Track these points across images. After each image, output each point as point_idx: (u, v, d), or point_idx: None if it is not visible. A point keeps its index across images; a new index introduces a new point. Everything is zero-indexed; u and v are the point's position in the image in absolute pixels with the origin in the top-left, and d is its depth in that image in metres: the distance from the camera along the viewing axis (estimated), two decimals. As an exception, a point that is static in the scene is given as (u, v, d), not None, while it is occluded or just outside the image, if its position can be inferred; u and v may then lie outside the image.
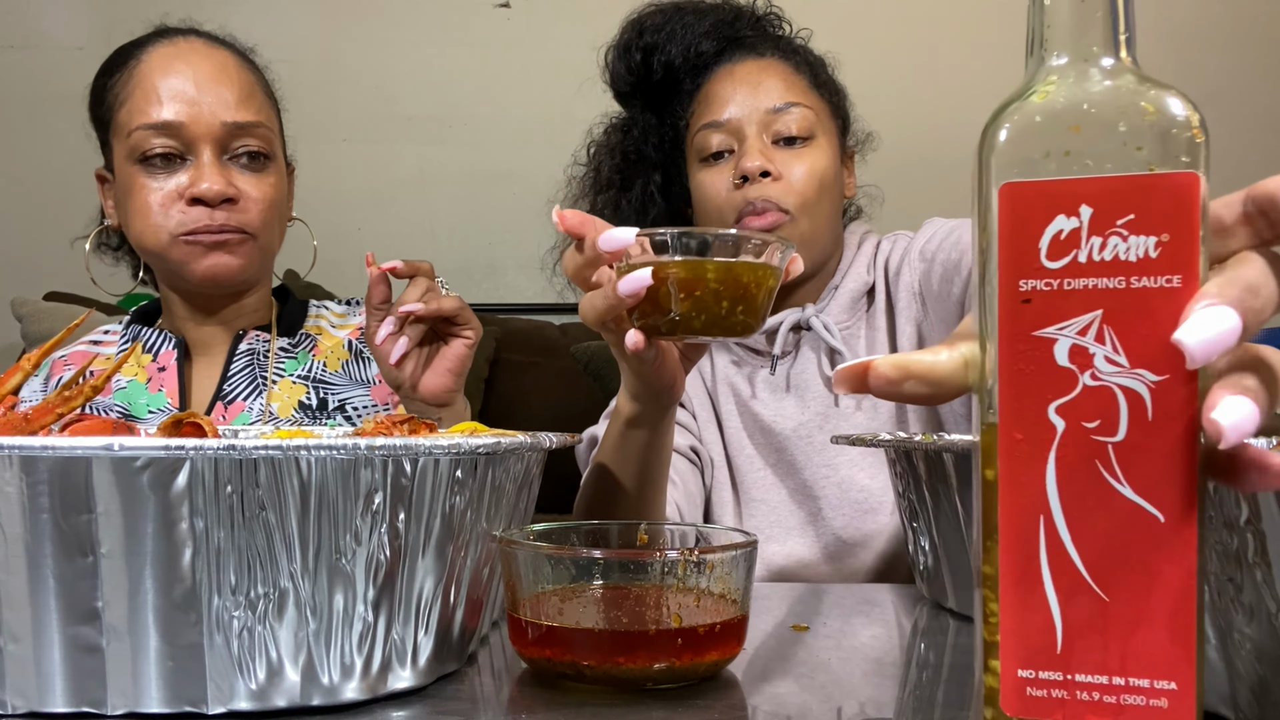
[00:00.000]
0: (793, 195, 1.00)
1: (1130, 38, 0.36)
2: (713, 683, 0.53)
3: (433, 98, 2.25)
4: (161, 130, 0.93)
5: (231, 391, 1.01)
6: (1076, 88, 0.36)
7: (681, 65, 1.07)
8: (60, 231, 2.25)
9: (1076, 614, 0.36)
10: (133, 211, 0.95)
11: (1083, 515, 0.35)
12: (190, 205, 0.94)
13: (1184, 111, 0.34)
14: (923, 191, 1.31)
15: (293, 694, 0.46)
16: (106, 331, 1.12)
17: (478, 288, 2.31)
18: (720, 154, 1.04)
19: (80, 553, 0.43)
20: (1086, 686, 0.36)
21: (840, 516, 1.04)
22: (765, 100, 1.02)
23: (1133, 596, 0.35)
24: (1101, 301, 0.35)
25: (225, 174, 0.94)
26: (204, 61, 0.96)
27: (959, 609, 0.70)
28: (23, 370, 0.56)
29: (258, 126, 0.97)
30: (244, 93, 0.97)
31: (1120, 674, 0.35)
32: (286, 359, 1.04)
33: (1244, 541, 0.40)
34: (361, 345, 1.06)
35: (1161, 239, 0.34)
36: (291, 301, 1.10)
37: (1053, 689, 0.36)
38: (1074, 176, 0.35)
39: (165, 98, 0.93)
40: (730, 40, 1.07)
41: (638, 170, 1.12)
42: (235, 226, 0.95)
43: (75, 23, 2.34)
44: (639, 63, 1.08)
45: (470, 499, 0.51)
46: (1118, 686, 0.35)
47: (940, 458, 0.67)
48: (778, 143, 1.02)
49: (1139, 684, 0.35)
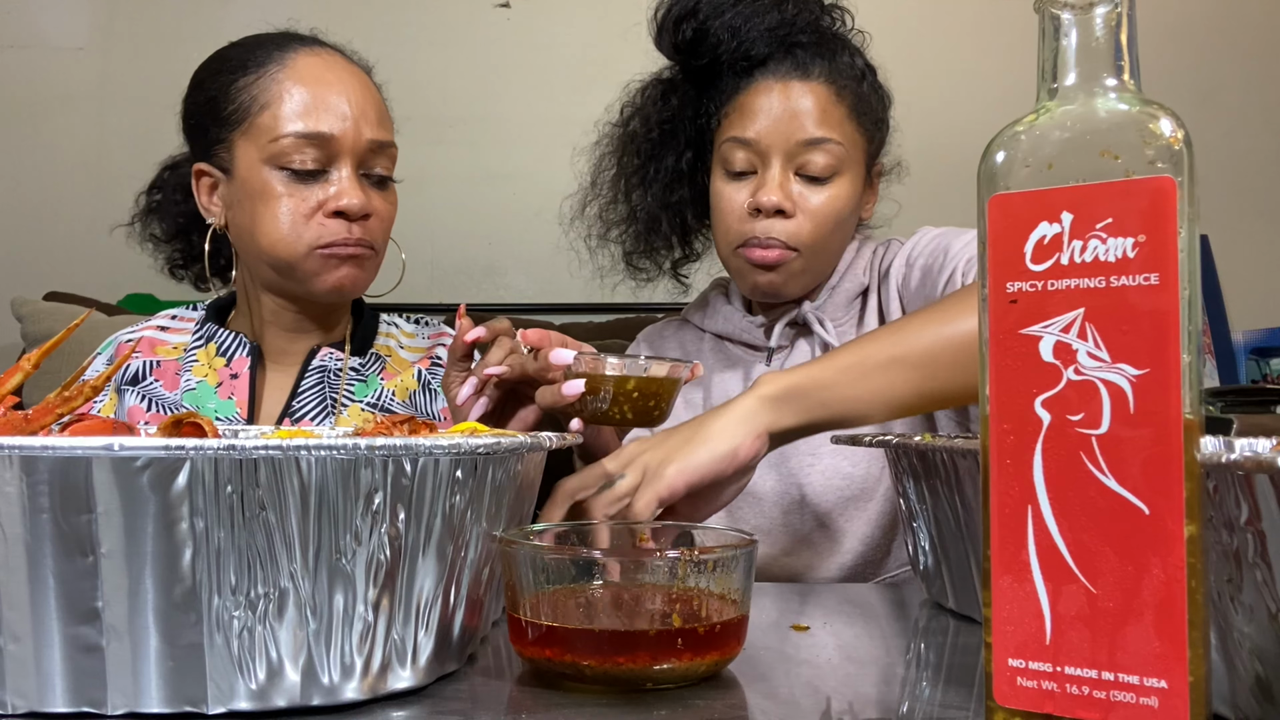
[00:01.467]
0: (804, 234, 1.00)
1: (1127, 65, 0.39)
2: (713, 683, 0.53)
3: (433, 98, 2.25)
4: (313, 141, 0.92)
5: (300, 409, 1.00)
6: (1067, 109, 0.39)
7: (727, 63, 1.03)
8: (60, 231, 2.25)
9: (1065, 605, 0.37)
10: (265, 218, 0.94)
11: (1069, 506, 0.37)
12: (329, 218, 0.94)
13: (1163, 124, 0.37)
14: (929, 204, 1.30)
15: (293, 694, 0.46)
16: (174, 317, 1.09)
17: (478, 288, 2.31)
18: (744, 172, 1.02)
19: (80, 553, 0.43)
20: (1076, 680, 0.37)
21: (824, 503, 1.05)
22: (798, 131, 0.99)
23: (1120, 590, 0.36)
24: (1083, 300, 0.37)
25: (363, 189, 0.95)
26: (352, 78, 0.97)
27: (959, 609, 0.70)
28: (22, 370, 0.56)
29: (391, 146, 0.99)
30: (382, 112, 0.99)
31: (1109, 669, 0.36)
32: (356, 381, 1.03)
33: (1244, 541, 0.40)
34: (431, 377, 1.06)
35: (1139, 240, 0.36)
36: (366, 317, 1.09)
37: (1043, 680, 0.38)
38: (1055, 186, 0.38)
39: (320, 109, 0.93)
40: (783, 45, 1.02)
41: (671, 142, 1.09)
42: (366, 242, 0.96)
43: (75, 23, 2.33)
44: (688, 40, 1.04)
45: (470, 499, 0.51)
46: (1107, 682, 0.36)
47: (940, 458, 0.67)
48: (800, 175, 1.01)
49: (1128, 680, 0.36)
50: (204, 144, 0.98)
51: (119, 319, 1.92)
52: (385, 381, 1.03)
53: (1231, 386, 2.19)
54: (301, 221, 0.93)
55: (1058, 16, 0.40)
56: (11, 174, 2.29)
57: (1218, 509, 0.41)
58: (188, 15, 2.29)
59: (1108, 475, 0.36)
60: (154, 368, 1.02)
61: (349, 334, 1.05)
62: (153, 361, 1.02)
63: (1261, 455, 0.38)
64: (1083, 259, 0.37)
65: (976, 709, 0.49)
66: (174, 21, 2.29)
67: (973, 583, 0.67)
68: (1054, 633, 0.37)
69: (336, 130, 0.93)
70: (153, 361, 1.02)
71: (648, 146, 1.10)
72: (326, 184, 0.94)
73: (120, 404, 1.01)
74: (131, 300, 2.12)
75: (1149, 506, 0.35)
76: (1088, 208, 0.37)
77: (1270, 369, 2.28)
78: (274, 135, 0.92)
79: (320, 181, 0.94)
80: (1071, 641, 0.37)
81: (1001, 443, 0.39)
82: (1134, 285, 0.36)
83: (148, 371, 1.01)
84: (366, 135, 0.95)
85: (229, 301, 1.09)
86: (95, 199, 2.28)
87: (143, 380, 1.01)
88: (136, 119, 2.29)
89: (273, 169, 0.93)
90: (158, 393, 1.00)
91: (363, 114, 0.95)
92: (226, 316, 1.08)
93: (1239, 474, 0.39)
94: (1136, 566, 0.36)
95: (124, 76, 2.32)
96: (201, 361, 1.02)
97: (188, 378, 1.00)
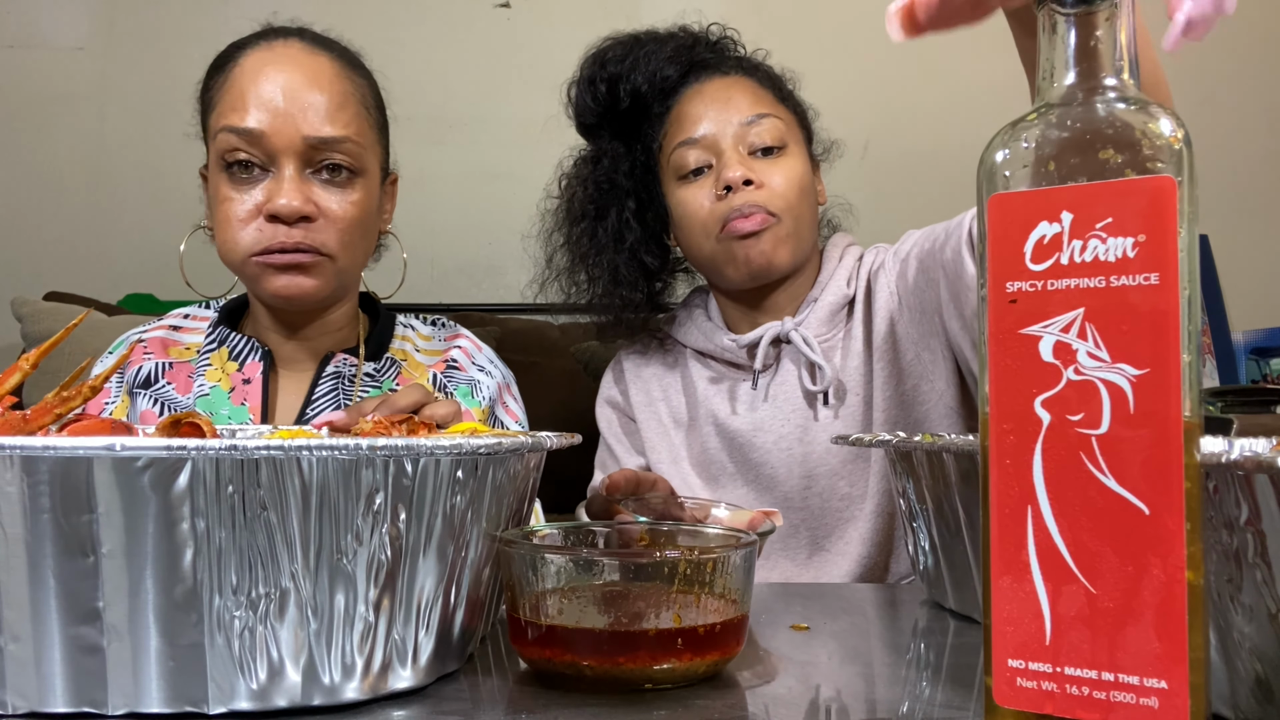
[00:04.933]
0: (777, 199, 1.04)
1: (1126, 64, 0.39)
2: (713, 683, 0.53)
3: (433, 98, 2.25)
4: (243, 137, 0.89)
5: (314, 416, 0.97)
6: (1067, 109, 0.39)
7: (648, 91, 1.10)
8: (60, 232, 2.25)
9: (1064, 605, 0.37)
10: (218, 221, 0.92)
11: (1069, 506, 0.37)
12: (268, 222, 0.89)
13: (1164, 124, 0.37)
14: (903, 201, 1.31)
15: (294, 694, 0.46)
16: (187, 316, 1.07)
17: (478, 288, 2.31)
18: (699, 170, 1.07)
19: (81, 553, 0.43)
20: (1076, 680, 0.37)
21: (822, 527, 1.05)
22: (737, 114, 1.05)
23: (1119, 590, 0.36)
24: (1083, 300, 0.37)
25: (305, 189, 0.90)
26: (298, 69, 0.91)
27: (959, 609, 0.70)
28: (21, 370, 0.56)
29: (343, 141, 0.91)
30: (335, 104, 0.91)
31: (1109, 669, 0.36)
32: (372, 387, 1.00)
33: (1244, 541, 0.40)
34: (446, 380, 1.02)
35: (1139, 239, 0.36)
36: (381, 320, 1.06)
37: (1042, 681, 0.38)
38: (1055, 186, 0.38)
39: (252, 104, 0.89)
40: (693, 63, 1.10)
41: (611, 199, 1.13)
42: (310, 246, 0.90)
43: (75, 23, 2.33)
44: (604, 94, 1.11)
45: (471, 499, 0.51)
46: (1107, 682, 0.36)
47: (940, 458, 0.67)
48: (754, 154, 1.05)
49: (1128, 681, 0.36)
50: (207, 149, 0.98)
51: (119, 319, 1.93)
52: (399, 386, 1.02)
53: (1231, 386, 2.19)
54: (240, 226, 0.90)
55: (1057, 16, 0.40)
56: (11, 174, 2.29)
57: (1218, 509, 0.41)
58: (188, 15, 2.29)
59: (1107, 475, 0.36)
60: (166, 370, 1.00)
61: (363, 338, 1.03)
62: (165, 364, 1.00)
63: (1261, 455, 0.38)
64: (1082, 259, 0.37)
65: (976, 709, 0.49)
66: (174, 21, 2.29)
67: (973, 583, 0.67)
68: (1054, 633, 0.37)
69: (266, 127, 0.88)
70: (165, 364, 1.00)
71: (591, 209, 1.14)
72: (266, 185, 0.90)
73: (132, 407, 0.98)
74: (131, 300, 2.12)
75: (1149, 507, 0.35)
76: (1088, 207, 0.37)
77: (1270, 369, 2.28)
78: (214, 132, 0.91)
79: (261, 182, 0.90)
80: (1071, 642, 0.37)
81: (1001, 443, 0.38)
82: (1134, 285, 0.36)
83: (160, 374, 0.99)
84: (304, 131, 0.89)
85: (241, 303, 1.06)
86: (95, 199, 2.29)
87: (155, 383, 0.99)
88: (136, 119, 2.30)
89: (220, 170, 0.91)
90: (170, 396, 0.98)
91: (302, 109, 0.89)
92: (238, 319, 1.05)
93: (1239, 474, 0.39)
94: (1136, 567, 0.36)
95: (124, 76, 2.32)
96: (215, 365, 0.99)
97: (201, 382, 0.98)
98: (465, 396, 1.01)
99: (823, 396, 1.06)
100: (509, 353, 2.05)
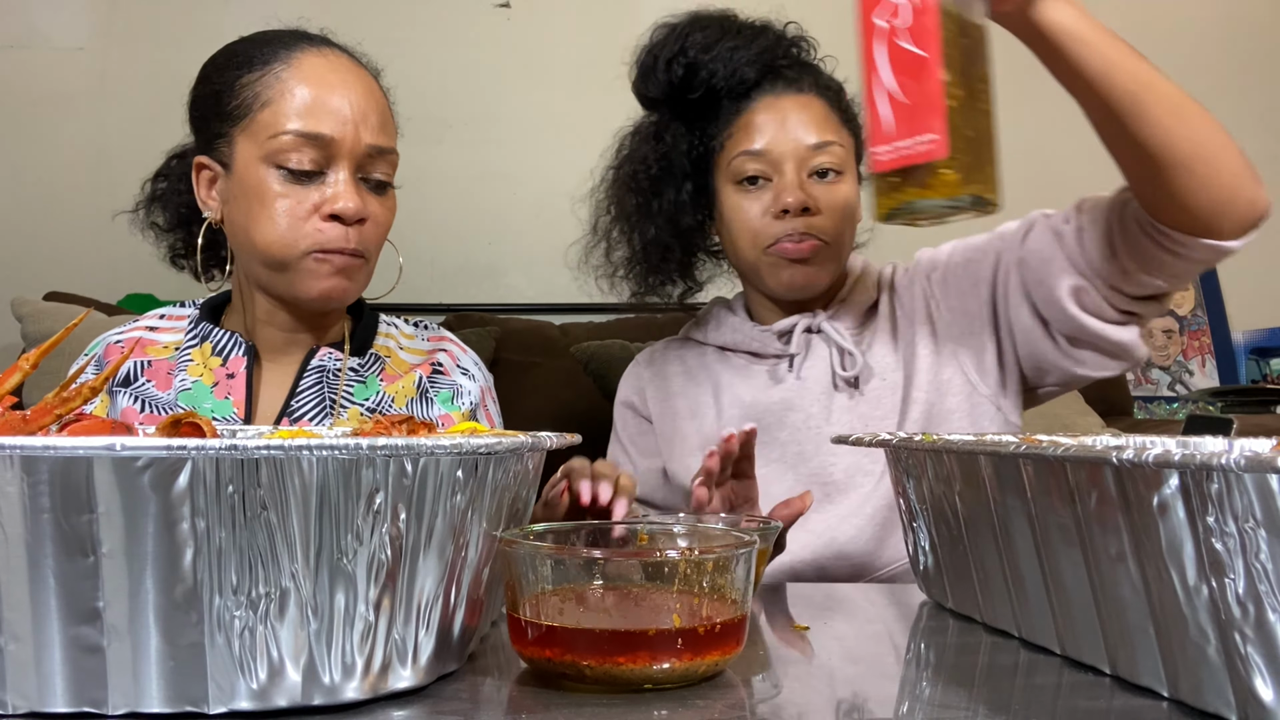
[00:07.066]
0: (830, 227, 1.08)
1: None
2: (713, 683, 0.53)
3: (433, 98, 2.25)
4: (312, 141, 0.91)
5: (299, 409, 0.99)
6: None
7: (724, 89, 1.10)
8: (60, 232, 2.25)
9: (893, 111, 0.76)
10: (261, 216, 0.93)
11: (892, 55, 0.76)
12: (325, 221, 0.93)
13: None
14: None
15: (294, 694, 0.46)
16: (163, 316, 1.08)
17: (478, 288, 2.30)
18: (755, 179, 1.08)
19: (81, 553, 0.43)
20: (900, 149, 0.75)
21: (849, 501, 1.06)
22: (805, 137, 1.08)
23: (914, 94, 0.75)
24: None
25: (360, 194, 0.94)
26: (357, 81, 0.96)
27: (959, 609, 0.70)
28: (21, 370, 0.56)
29: (391, 153, 0.98)
30: (385, 117, 0.98)
31: (908, 136, 0.74)
32: (355, 383, 1.02)
33: (1244, 541, 0.41)
34: (430, 384, 1.04)
35: None
36: (366, 317, 1.08)
37: (889, 155, 0.76)
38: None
39: (321, 110, 0.92)
40: (771, 70, 1.11)
41: (669, 179, 1.14)
42: (360, 250, 0.95)
43: (75, 23, 2.33)
44: (680, 76, 1.11)
45: (471, 499, 0.51)
46: (912, 144, 0.74)
47: (940, 458, 0.67)
48: (812, 175, 1.08)
49: (922, 139, 0.73)
50: (206, 137, 0.98)
51: (119, 319, 1.92)
52: (385, 385, 1.02)
53: (1231, 386, 2.19)
54: (299, 223, 0.92)
55: None
56: (11, 174, 2.28)
57: (1217, 509, 0.41)
58: (188, 15, 2.28)
59: (910, 42, 0.74)
60: (145, 368, 1.01)
61: (348, 334, 1.05)
62: (143, 362, 1.01)
63: (1261, 455, 0.38)
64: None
65: (976, 709, 0.49)
66: (174, 21, 2.29)
67: (973, 583, 0.67)
68: (888, 128, 0.76)
69: (335, 132, 0.92)
70: (143, 362, 1.01)
71: (648, 184, 1.14)
72: (323, 186, 0.93)
73: (113, 405, 0.99)
74: (131, 300, 2.12)
75: (927, 52, 0.73)
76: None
77: (1270, 369, 2.28)
78: (273, 132, 0.92)
79: (316, 183, 0.93)
80: (895, 134, 0.75)
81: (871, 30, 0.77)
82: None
83: (139, 372, 1.00)
84: (366, 140, 0.94)
85: (223, 299, 1.08)
86: (95, 199, 2.28)
87: (134, 382, 1.00)
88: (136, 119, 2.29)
89: (270, 167, 0.92)
90: (150, 393, 0.99)
91: (364, 118, 0.94)
92: (220, 315, 1.06)
93: (1239, 474, 0.39)
94: (922, 84, 0.74)
95: (124, 76, 2.31)
96: (196, 361, 1.01)
97: (182, 377, 0.99)
98: (447, 402, 1.03)
99: (853, 380, 1.10)
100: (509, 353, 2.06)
